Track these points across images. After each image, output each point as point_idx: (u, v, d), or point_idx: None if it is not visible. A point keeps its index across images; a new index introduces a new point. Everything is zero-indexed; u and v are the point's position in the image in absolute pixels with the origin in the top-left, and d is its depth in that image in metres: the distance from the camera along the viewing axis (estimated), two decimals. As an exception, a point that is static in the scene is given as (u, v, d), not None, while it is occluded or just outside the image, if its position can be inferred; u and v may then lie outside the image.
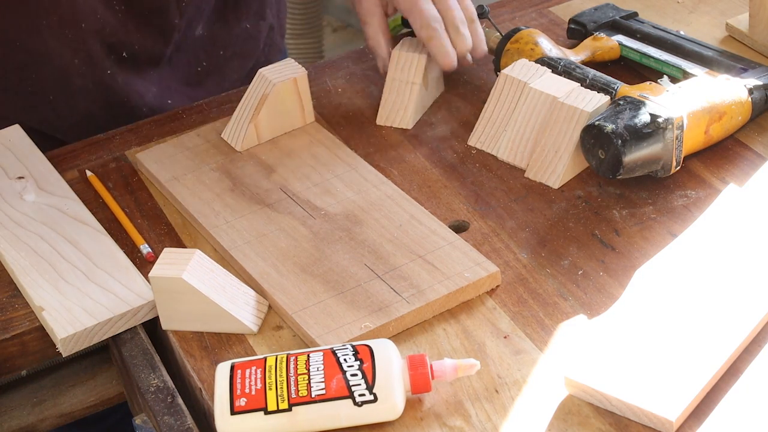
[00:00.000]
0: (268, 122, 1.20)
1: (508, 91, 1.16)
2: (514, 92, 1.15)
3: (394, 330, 0.97)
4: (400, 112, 1.22)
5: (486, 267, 1.01)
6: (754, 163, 1.12)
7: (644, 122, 1.06)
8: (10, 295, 1.07)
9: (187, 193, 1.14)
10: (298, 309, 0.99)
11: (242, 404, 0.88)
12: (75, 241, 1.10)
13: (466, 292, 1.00)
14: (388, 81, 1.22)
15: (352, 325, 0.97)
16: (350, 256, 1.04)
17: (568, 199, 1.11)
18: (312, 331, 0.96)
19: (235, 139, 1.20)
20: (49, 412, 1.08)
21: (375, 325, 0.96)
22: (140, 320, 1.03)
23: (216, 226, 1.09)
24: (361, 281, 1.01)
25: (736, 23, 1.30)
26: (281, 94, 1.19)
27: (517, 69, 1.16)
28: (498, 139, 1.17)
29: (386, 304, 0.98)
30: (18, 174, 1.20)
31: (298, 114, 1.22)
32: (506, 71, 1.16)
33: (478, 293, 1.00)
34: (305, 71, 1.20)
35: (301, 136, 1.21)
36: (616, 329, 0.93)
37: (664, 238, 1.05)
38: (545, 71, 1.16)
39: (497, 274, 1.01)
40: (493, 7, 1.43)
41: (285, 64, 1.21)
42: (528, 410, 0.89)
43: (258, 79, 1.20)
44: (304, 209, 1.10)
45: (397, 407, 0.89)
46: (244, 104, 1.20)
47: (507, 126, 1.16)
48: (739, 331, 0.91)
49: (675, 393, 0.86)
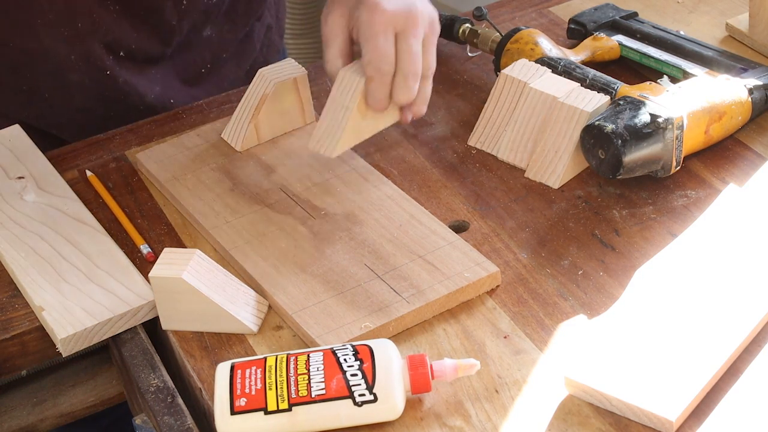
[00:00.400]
0: (268, 122, 1.20)
1: (508, 91, 1.16)
2: (514, 92, 1.15)
3: (394, 330, 0.97)
4: (329, 136, 1.09)
5: (486, 267, 1.01)
6: (754, 163, 1.12)
7: (644, 122, 1.06)
8: (10, 295, 1.07)
9: (187, 193, 1.14)
10: (298, 309, 0.99)
11: (242, 404, 0.88)
12: (75, 241, 1.10)
13: (466, 292, 1.00)
14: (328, 101, 1.10)
15: (352, 325, 0.97)
16: (350, 256, 1.04)
17: (568, 199, 1.11)
18: (312, 331, 0.96)
19: (235, 139, 1.20)
20: (49, 412, 1.08)
21: (375, 325, 0.96)
22: (140, 320, 1.03)
23: (216, 226, 1.09)
24: (361, 281, 1.01)
25: (736, 23, 1.30)
26: (281, 94, 1.19)
27: (517, 69, 1.16)
28: (498, 139, 1.17)
29: (386, 304, 0.98)
30: (18, 174, 1.20)
31: (298, 114, 1.22)
32: (506, 71, 1.16)
33: (478, 293, 1.00)
34: (305, 71, 1.20)
35: (302, 136, 1.21)
36: (616, 329, 0.93)
37: (664, 238, 1.05)
38: (545, 71, 1.16)
39: (497, 274, 1.01)
40: (493, 7, 1.43)
41: (285, 64, 1.21)
42: (528, 410, 0.89)
43: (258, 78, 1.20)
44: (304, 209, 1.10)
45: (397, 407, 0.89)
46: (244, 104, 1.20)
47: (507, 126, 1.16)
48: (739, 331, 0.91)
49: (675, 393, 0.86)
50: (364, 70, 1.07)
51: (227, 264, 1.06)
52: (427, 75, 1.09)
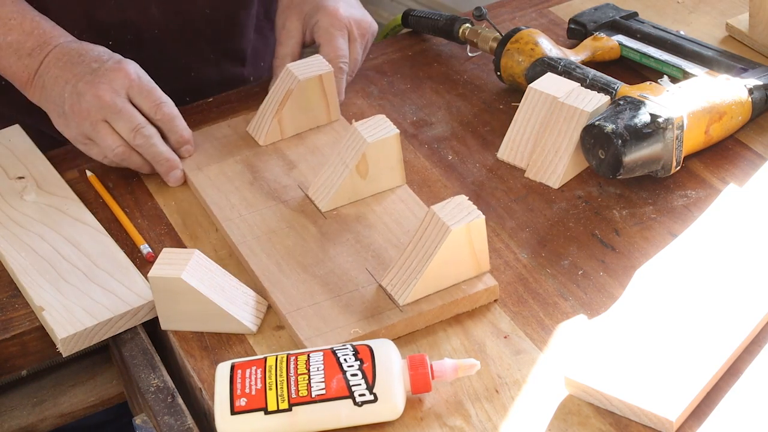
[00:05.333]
0: (292, 118, 1.19)
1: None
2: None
3: (383, 337, 0.96)
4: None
5: (485, 281, 1.00)
6: (754, 163, 1.12)
7: (644, 122, 1.06)
8: (11, 295, 1.07)
9: (208, 184, 1.14)
10: (292, 309, 0.99)
11: (242, 404, 0.88)
12: (75, 241, 1.10)
13: (462, 304, 0.99)
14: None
15: (342, 329, 0.96)
16: (353, 259, 1.04)
17: (568, 199, 1.11)
18: (302, 333, 0.96)
19: (259, 132, 1.20)
20: (49, 412, 1.08)
21: (364, 332, 0.96)
22: (140, 320, 1.03)
23: (229, 219, 1.09)
24: (359, 285, 1.01)
25: (736, 23, 1.30)
26: (306, 91, 1.19)
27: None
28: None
29: (379, 311, 0.98)
30: (18, 174, 1.20)
31: (323, 110, 1.21)
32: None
33: (474, 306, 0.99)
34: (331, 68, 1.20)
35: (329, 133, 1.20)
36: (616, 329, 0.93)
37: (664, 238, 1.05)
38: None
39: (495, 288, 1.00)
40: (493, 7, 1.43)
41: (312, 60, 1.20)
42: (528, 410, 0.89)
43: (284, 74, 1.19)
44: (317, 208, 1.10)
45: (398, 407, 0.89)
46: (270, 99, 1.20)
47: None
48: (739, 331, 0.91)
49: (675, 393, 0.86)
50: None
51: (234, 257, 1.06)
52: (352, 74, 1.28)
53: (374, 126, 1.09)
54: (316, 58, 1.20)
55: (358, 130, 1.08)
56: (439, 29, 1.34)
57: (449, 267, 0.98)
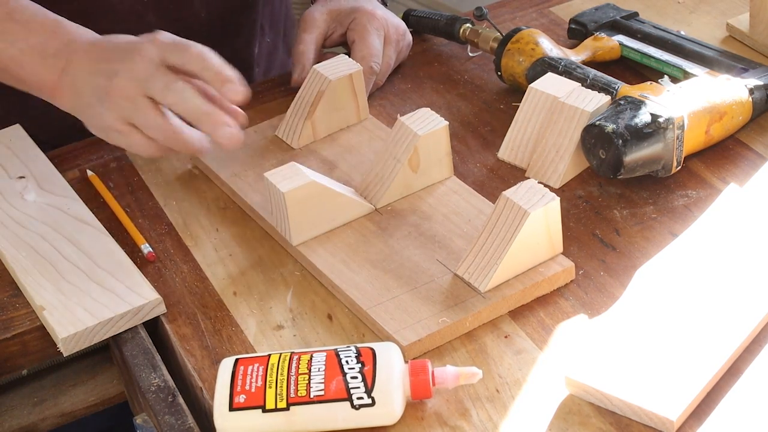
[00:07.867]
0: (323, 119, 1.19)
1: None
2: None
3: (470, 325, 0.96)
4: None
5: (561, 262, 1.00)
6: (755, 163, 1.12)
7: (645, 122, 1.06)
8: (11, 295, 1.07)
9: (249, 189, 1.14)
10: (372, 305, 0.98)
11: (241, 401, 0.88)
12: (76, 241, 1.10)
13: (542, 287, 0.99)
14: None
15: (429, 320, 0.95)
16: (421, 252, 1.03)
17: (569, 198, 1.11)
18: (389, 327, 0.95)
19: (291, 136, 1.19)
20: (49, 411, 1.08)
21: (452, 320, 0.95)
22: (141, 320, 1.03)
23: None
24: (434, 276, 1.00)
25: (737, 23, 1.30)
26: (337, 91, 1.18)
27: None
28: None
29: (462, 300, 0.97)
30: (19, 173, 1.20)
31: (353, 110, 1.21)
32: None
33: (552, 288, 1.00)
34: (360, 67, 1.19)
35: (361, 132, 1.20)
36: (617, 329, 0.93)
37: (664, 237, 1.05)
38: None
39: (572, 268, 1.00)
40: (493, 7, 1.43)
41: (338, 61, 1.20)
42: (529, 410, 0.89)
43: (312, 75, 1.19)
44: (370, 204, 1.09)
45: (395, 412, 0.88)
46: (299, 102, 1.20)
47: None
48: (739, 330, 0.91)
49: (676, 392, 0.86)
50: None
51: (228, 263, 1.06)
52: (383, 77, 1.29)
53: (421, 119, 1.09)
54: (342, 58, 1.20)
55: (406, 124, 1.08)
56: (440, 29, 1.35)
57: (527, 251, 0.98)
